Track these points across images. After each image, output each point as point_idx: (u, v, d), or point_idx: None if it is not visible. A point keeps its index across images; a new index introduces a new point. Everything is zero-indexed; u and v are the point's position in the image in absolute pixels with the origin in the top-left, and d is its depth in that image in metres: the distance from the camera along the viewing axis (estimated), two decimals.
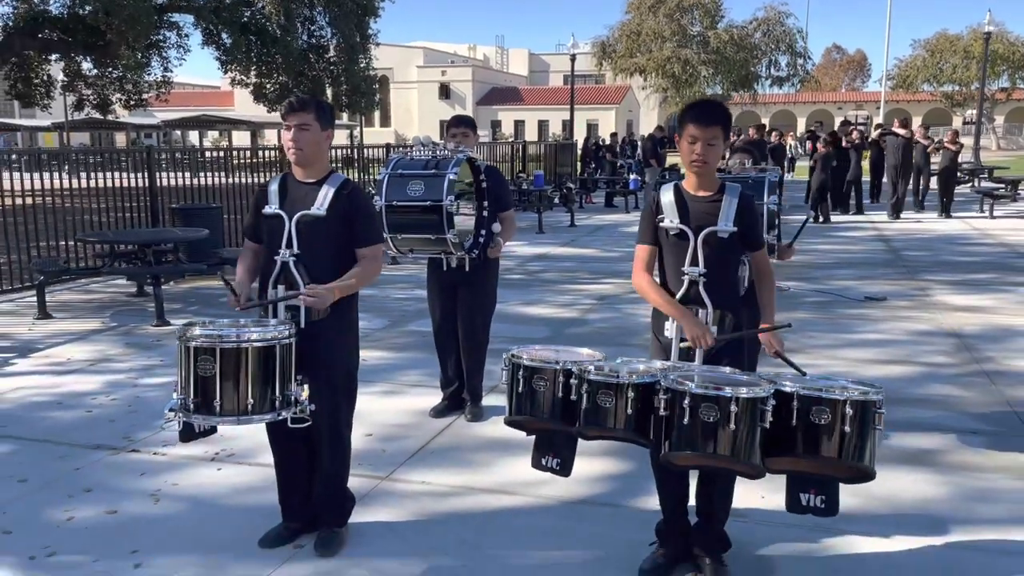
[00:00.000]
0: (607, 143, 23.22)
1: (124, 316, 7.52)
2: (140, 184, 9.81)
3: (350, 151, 14.47)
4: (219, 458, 4.17)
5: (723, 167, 4.25)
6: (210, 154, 13.19)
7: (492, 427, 4.59)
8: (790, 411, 2.62)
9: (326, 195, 3.16)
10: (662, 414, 2.65)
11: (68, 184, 9.31)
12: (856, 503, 3.58)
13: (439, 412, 4.83)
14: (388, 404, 4.98)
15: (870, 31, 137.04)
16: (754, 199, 3.10)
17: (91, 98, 24.78)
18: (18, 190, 8.70)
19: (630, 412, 2.69)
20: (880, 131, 18.08)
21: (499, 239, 4.61)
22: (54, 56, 23.30)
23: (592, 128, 47.32)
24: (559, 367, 2.83)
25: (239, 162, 11.63)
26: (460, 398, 4.88)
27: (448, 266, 4.59)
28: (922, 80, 47.85)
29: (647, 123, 43.40)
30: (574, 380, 2.79)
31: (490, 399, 4.94)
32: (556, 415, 2.85)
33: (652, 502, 3.28)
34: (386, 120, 55.71)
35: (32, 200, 8.80)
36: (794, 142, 36.29)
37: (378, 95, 29.98)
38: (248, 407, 2.88)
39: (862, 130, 19.81)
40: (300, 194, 3.20)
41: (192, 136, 47.77)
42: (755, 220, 3.05)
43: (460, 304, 4.71)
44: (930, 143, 15.83)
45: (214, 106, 51.37)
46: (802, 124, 53.63)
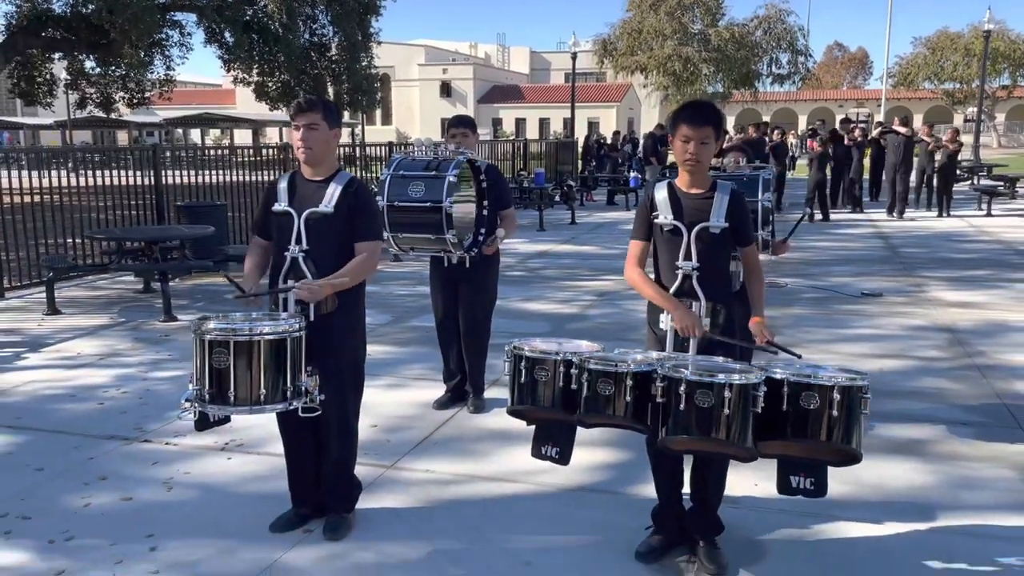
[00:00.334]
0: (607, 141, 23.32)
1: (132, 312, 7.65)
2: (145, 182, 9.94)
3: (352, 149, 14.58)
4: (229, 448, 4.29)
5: (718, 165, 4.36)
6: (214, 152, 13.30)
7: (494, 418, 4.71)
8: (780, 397, 2.73)
9: (333, 193, 3.28)
10: (659, 401, 2.75)
11: (77, 182, 9.43)
12: (847, 490, 3.70)
13: (442, 404, 4.95)
14: (392, 396, 5.10)
15: (871, 29, 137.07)
16: (744, 196, 3.21)
17: (94, 96, 24.91)
18: (24, 188, 8.82)
19: (629, 399, 2.80)
20: (880, 129, 18.15)
21: (497, 236, 4.72)
22: (57, 55, 23.41)
23: (593, 126, 47.41)
24: (560, 358, 2.93)
25: (243, 160, 11.75)
26: (462, 390, 5.00)
27: (449, 263, 4.71)
28: (923, 78, 47.96)
29: (648, 121, 43.48)
30: (575, 370, 2.89)
31: (491, 392, 5.06)
32: (557, 404, 2.95)
33: (648, 489, 3.39)
34: (387, 118, 55.81)
35: (40, 198, 8.92)
36: (795, 140, 36.35)
37: (379, 93, 30.10)
38: (261, 397, 2.98)
39: (864, 127, 19.87)
40: (308, 192, 3.31)
41: (194, 134, 47.88)
42: (745, 216, 3.16)
43: (461, 300, 4.83)
44: (932, 142, 15.87)
45: (215, 104, 51.50)
46: (803, 122, 53.66)
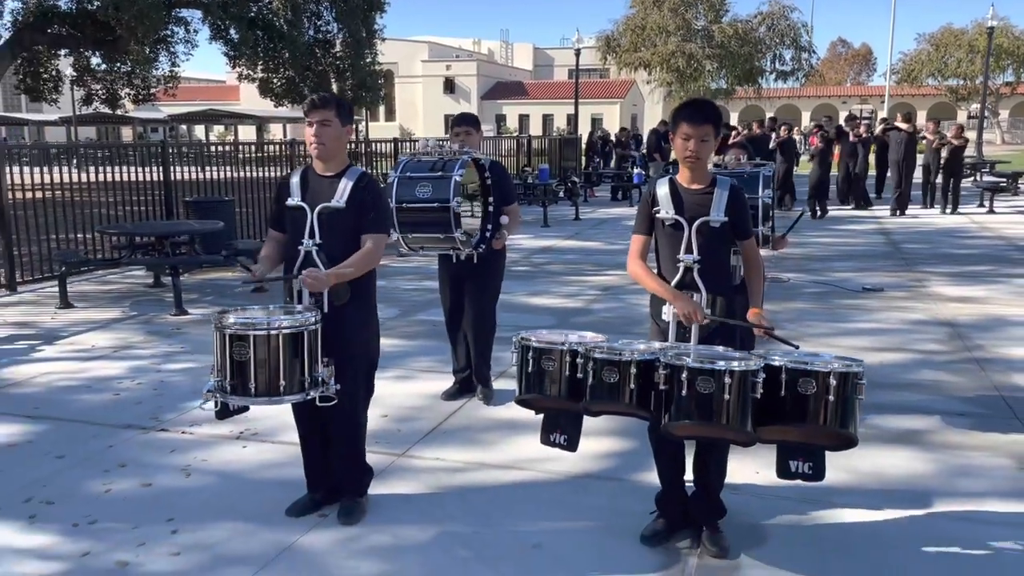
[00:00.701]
0: (611, 137, 23.38)
1: (143, 306, 7.76)
2: (154, 178, 10.06)
3: (356, 145, 14.67)
4: (244, 437, 4.41)
5: (719, 162, 4.46)
6: (222, 148, 13.41)
7: (501, 409, 4.82)
8: (779, 383, 2.83)
9: (345, 188, 3.37)
10: (662, 388, 2.85)
11: (88, 178, 9.54)
12: (845, 477, 3.80)
13: (450, 395, 5.05)
14: (401, 388, 5.21)
15: (875, 25, 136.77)
16: (743, 192, 3.31)
17: (100, 93, 25.03)
18: (34, 184, 8.93)
19: (633, 387, 2.89)
20: (884, 126, 18.17)
21: (504, 231, 4.83)
22: (63, 51, 23.52)
23: (596, 122, 47.44)
24: (566, 347, 3.03)
25: (251, 156, 11.86)
26: (470, 382, 5.10)
27: (457, 259, 4.80)
28: (927, 74, 47.88)
29: (651, 117, 43.54)
30: (580, 359, 2.99)
31: (498, 384, 5.16)
32: (563, 393, 3.05)
33: (652, 477, 3.50)
34: (391, 115, 55.88)
35: (51, 194, 9.04)
36: (799, 136, 36.34)
37: (383, 90, 30.17)
38: (280, 388, 3.08)
39: (868, 123, 19.86)
40: (321, 187, 3.40)
41: (198, 130, 48.01)
42: (744, 211, 3.25)
43: (468, 294, 4.93)
44: (936, 139, 15.85)
45: (219, 100, 51.61)
46: (806, 118, 53.66)
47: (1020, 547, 3.28)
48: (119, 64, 23.81)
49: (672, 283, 3.21)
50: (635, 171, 19.06)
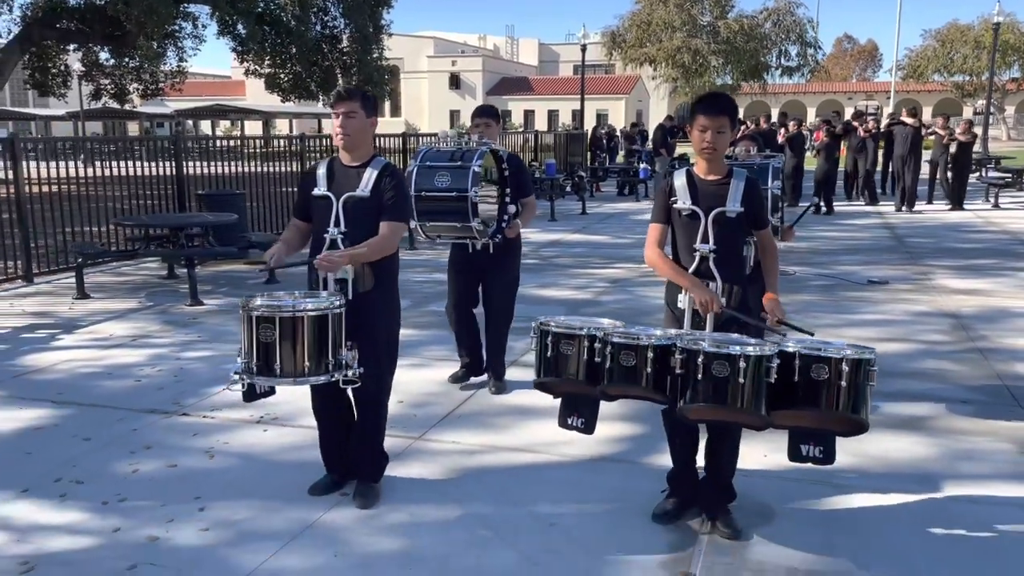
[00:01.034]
0: (618, 132, 23.45)
1: (158, 296, 7.89)
2: (167, 172, 10.19)
3: None
4: (264, 421, 4.52)
5: (729, 154, 4.55)
6: (235, 143, 13.53)
7: (513, 395, 4.93)
8: (793, 368, 2.91)
9: (370, 177, 3.46)
10: (678, 372, 2.94)
11: (104, 172, 9.66)
12: (852, 461, 3.91)
13: (458, 378, 5.12)
14: (416, 375, 5.32)
15: (881, 21, 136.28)
16: (759, 183, 3.40)
17: (109, 88, 25.18)
18: (46, 178, 9.05)
19: (649, 371, 2.97)
20: (889, 120, 18.19)
21: (516, 220, 4.91)
22: (72, 46, 23.65)
23: (602, 118, 47.45)
24: (584, 332, 3.11)
25: (265, 151, 11.98)
26: (477, 365, 5.15)
27: (473, 248, 4.87)
28: (933, 70, 47.77)
29: (657, 113, 43.56)
30: (598, 344, 3.07)
31: (510, 371, 5.26)
32: (581, 376, 3.12)
33: (664, 459, 3.60)
34: (396, 110, 55.95)
35: (69, 188, 9.16)
36: (806, 132, 36.33)
37: (389, 86, 30.25)
38: (305, 369, 3.17)
39: (875, 117, 19.85)
40: (346, 177, 3.49)
41: (204, 125, 48.15)
42: (760, 201, 3.35)
43: (488, 286, 4.99)
44: (946, 134, 15.82)
45: (225, 95, 51.76)
46: (812, 114, 53.61)
47: (1020, 527, 3.38)
48: (127, 59, 23.95)
49: (689, 272, 3.28)
50: (641, 166, 19.14)
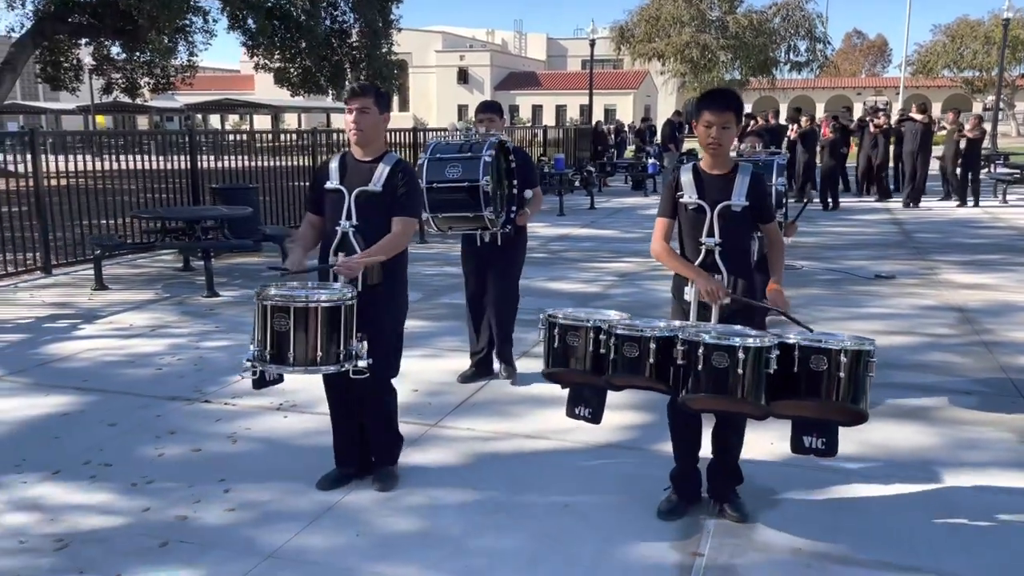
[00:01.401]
0: (626, 127, 23.51)
1: (175, 288, 8.03)
2: (181, 166, 10.33)
3: None
4: (284, 408, 4.66)
5: (735, 150, 4.64)
6: (250, 137, 13.66)
7: (525, 385, 5.04)
8: (793, 359, 2.97)
9: (382, 172, 3.55)
10: (680, 363, 3.03)
11: (119, 166, 9.81)
12: (856, 449, 4.01)
13: (467, 378, 5.19)
14: (430, 365, 5.45)
15: (891, 16, 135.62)
16: (764, 177, 3.48)
17: (120, 82, 25.36)
18: (68, 171, 9.20)
19: (652, 361, 3.06)
20: (899, 116, 18.18)
21: (526, 210, 5.02)
22: (83, 40, 23.83)
23: (610, 113, 47.46)
24: (590, 324, 3.20)
25: (277, 144, 12.12)
26: (487, 365, 5.26)
27: (482, 241, 4.99)
28: (942, 66, 47.62)
29: (665, 108, 43.54)
30: (603, 335, 3.16)
31: (520, 363, 5.38)
32: (587, 367, 3.22)
33: (670, 446, 3.70)
34: (404, 105, 56.06)
35: (86, 181, 9.31)
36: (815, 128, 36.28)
37: (397, 80, 30.34)
38: (316, 359, 3.25)
39: (885, 111, 19.84)
40: (358, 171, 3.58)
41: (213, 119, 48.34)
42: (766, 195, 3.42)
43: (493, 275, 5.11)
44: (957, 129, 15.75)
45: (234, 90, 51.93)
46: (820, 110, 53.50)
47: (1020, 513, 3.49)
48: (138, 53, 24.11)
49: (694, 265, 3.36)
50: (650, 161, 19.22)
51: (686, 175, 3.43)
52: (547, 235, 11.77)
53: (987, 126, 21.06)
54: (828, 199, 14.99)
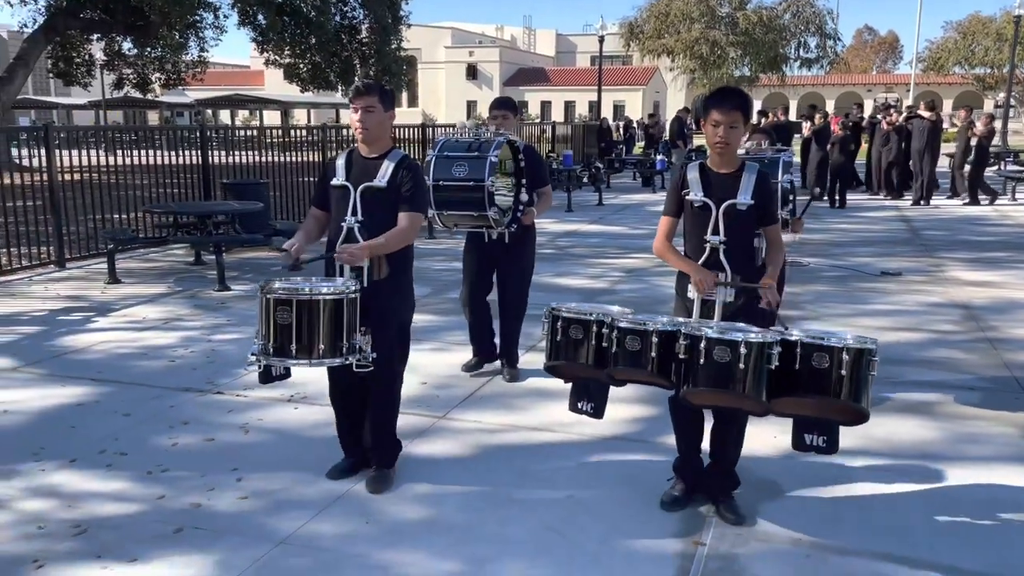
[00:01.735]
0: (635, 124, 23.52)
1: (187, 282, 8.13)
2: (193, 161, 10.43)
3: None
4: (295, 399, 4.74)
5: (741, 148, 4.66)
6: (261, 133, 13.77)
7: (531, 379, 5.10)
8: (794, 357, 2.99)
9: (387, 169, 3.58)
10: (681, 357, 3.06)
11: (132, 161, 9.92)
12: (859, 443, 4.05)
13: (471, 367, 5.23)
14: (438, 359, 5.52)
15: (902, 12, 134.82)
16: (770, 177, 3.50)
17: (131, 77, 25.53)
18: (81, 166, 9.31)
19: (654, 355, 3.10)
20: (907, 114, 18.13)
21: (532, 208, 5.03)
22: (95, 36, 23.98)
23: (619, 109, 47.40)
24: (593, 318, 3.24)
25: (287, 140, 12.22)
26: (490, 354, 5.30)
27: (489, 238, 4.99)
28: (953, 63, 47.34)
29: (674, 104, 43.45)
30: (606, 329, 3.20)
31: (527, 357, 5.44)
32: (589, 360, 3.25)
33: (674, 439, 3.76)
34: (413, 101, 56.17)
35: (100, 176, 9.42)
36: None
37: (407, 76, 30.42)
38: (319, 352, 3.28)
39: (896, 107, 19.76)
40: (364, 167, 3.61)
41: (223, 115, 48.55)
42: (770, 195, 3.43)
43: (502, 275, 5.12)
44: (968, 127, 15.68)
45: (244, 85, 52.17)
46: (831, 106, 53.29)
47: (1019, 506, 3.54)
48: (150, 49, 24.25)
49: (699, 262, 3.38)
50: (658, 158, 19.24)
51: (693, 173, 3.46)
52: (555, 231, 11.82)
53: (997, 123, 20.96)
54: (836, 196, 14.98)
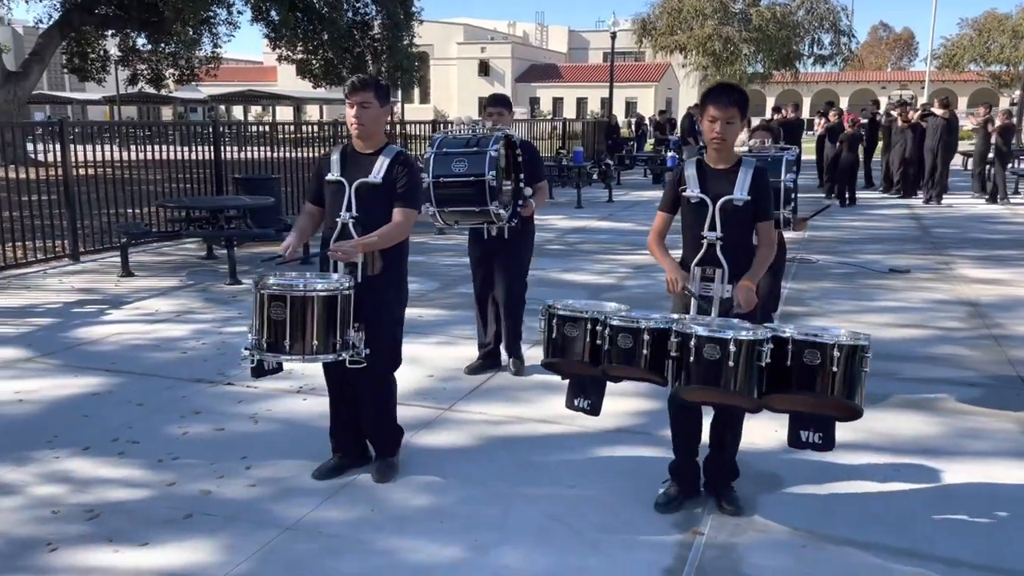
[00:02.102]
0: (647, 120, 23.51)
1: (198, 276, 8.24)
2: (205, 156, 10.55)
3: (391, 127, 14.99)
4: (303, 391, 4.82)
5: (743, 144, 4.68)
6: (275, 129, 13.88)
7: (537, 374, 5.15)
8: (786, 353, 3.01)
9: (382, 164, 3.59)
10: (673, 355, 3.09)
11: (144, 156, 10.04)
12: (859, 437, 4.09)
13: (474, 370, 5.25)
14: (444, 352, 5.59)
15: (917, 9, 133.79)
16: (767, 174, 3.52)
17: (145, 73, 25.74)
18: (96, 160, 9.44)
19: (646, 352, 3.14)
20: (920, 112, 18.03)
21: (531, 201, 5.06)
22: (110, 32, 24.20)
23: (631, 106, 47.32)
24: (587, 315, 3.28)
25: (300, 136, 12.31)
26: (495, 356, 5.32)
27: (488, 235, 5.01)
28: (969, 60, 47.00)
29: (686, 101, 43.36)
30: (600, 326, 3.24)
31: (532, 352, 5.49)
32: (585, 357, 3.29)
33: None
34: (425, 97, 56.26)
35: (112, 171, 9.55)
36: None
37: (419, 72, 30.50)
38: (313, 347, 3.30)
39: (910, 105, 19.66)
40: (359, 163, 3.62)
41: (236, 110, 48.80)
42: (766, 192, 3.43)
43: (498, 269, 5.14)
44: (988, 124, 15.55)
45: (256, 81, 52.39)
46: (844, 104, 53.03)
47: (1018, 500, 3.57)
48: (164, 45, 24.46)
49: (696, 259, 3.42)
50: (669, 154, 19.25)
51: (690, 169, 3.49)
52: (564, 227, 11.88)
53: (1013, 120, 20.79)
54: (845, 194, 14.94)
